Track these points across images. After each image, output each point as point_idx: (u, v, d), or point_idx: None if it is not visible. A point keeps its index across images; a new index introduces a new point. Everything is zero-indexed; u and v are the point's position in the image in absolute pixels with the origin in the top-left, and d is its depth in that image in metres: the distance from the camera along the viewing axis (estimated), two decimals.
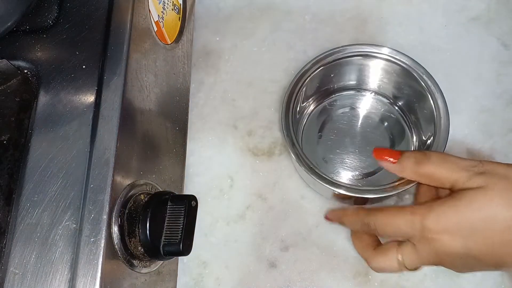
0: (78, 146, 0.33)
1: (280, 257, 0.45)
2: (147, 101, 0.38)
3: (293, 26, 0.54)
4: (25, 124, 0.35)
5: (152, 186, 0.37)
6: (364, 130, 0.48)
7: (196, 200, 0.34)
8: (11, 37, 0.37)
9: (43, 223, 0.31)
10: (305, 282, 0.44)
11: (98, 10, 0.37)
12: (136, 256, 0.34)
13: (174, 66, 0.43)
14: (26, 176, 0.33)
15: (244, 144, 0.49)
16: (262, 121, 0.50)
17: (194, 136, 0.50)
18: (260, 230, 0.46)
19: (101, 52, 0.35)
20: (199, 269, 0.46)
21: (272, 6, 0.55)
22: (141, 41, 0.37)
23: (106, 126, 0.33)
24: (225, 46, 0.53)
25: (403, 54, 0.45)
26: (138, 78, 0.36)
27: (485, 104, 0.49)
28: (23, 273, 0.31)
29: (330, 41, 0.52)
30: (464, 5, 0.53)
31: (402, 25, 0.53)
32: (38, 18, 0.37)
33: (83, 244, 0.31)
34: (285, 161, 0.48)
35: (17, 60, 0.36)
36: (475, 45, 0.52)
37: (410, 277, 0.44)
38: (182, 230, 0.33)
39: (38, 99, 0.35)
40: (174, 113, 0.43)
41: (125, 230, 0.33)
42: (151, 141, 0.38)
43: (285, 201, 0.47)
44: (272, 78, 0.52)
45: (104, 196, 0.31)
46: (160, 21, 0.41)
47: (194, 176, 0.48)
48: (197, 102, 0.51)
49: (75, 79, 0.35)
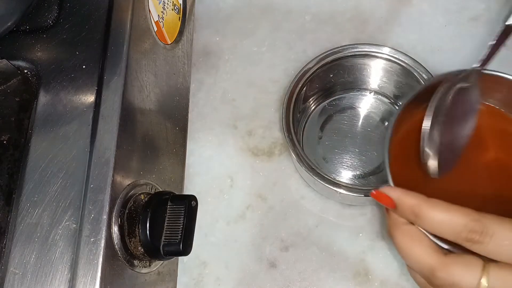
0: (78, 146, 0.33)
1: (280, 257, 0.45)
2: (147, 101, 0.38)
3: (293, 26, 0.54)
4: (25, 124, 0.35)
5: (152, 186, 0.37)
6: (365, 130, 0.48)
7: (196, 200, 0.34)
8: (11, 37, 0.37)
9: (43, 223, 0.31)
10: (305, 282, 0.44)
11: (98, 10, 0.37)
12: (136, 256, 0.34)
13: (174, 66, 0.43)
14: (26, 176, 0.33)
15: (244, 144, 0.49)
16: (262, 121, 0.50)
17: (194, 136, 0.49)
18: (260, 230, 0.46)
19: (101, 52, 0.35)
20: (199, 269, 0.45)
21: (272, 6, 0.55)
22: (141, 41, 0.37)
23: (106, 126, 0.33)
24: (225, 46, 0.53)
25: (403, 54, 0.45)
26: (138, 78, 0.36)
27: None
28: (23, 273, 0.31)
29: (330, 41, 0.52)
30: (464, 5, 0.53)
31: (402, 25, 0.53)
32: (38, 18, 0.37)
33: (83, 244, 0.31)
34: (285, 161, 0.48)
35: (17, 60, 0.36)
36: (475, 45, 0.52)
37: (411, 277, 0.44)
38: (182, 230, 0.33)
39: (38, 99, 0.35)
40: (174, 113, 0.43)
41: (125, 230, 0.33)
42: (151, 141, 0.38)
43: (285, 201, 0.47)
44: (272, 78, 0.52)
45: (104, 196, 0.31)
46: (160, 21, 0.41)
47: (194, 176, 0.48)
48: (197, 102, 0.51)
49: (75, 79, 0.35)
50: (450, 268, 0.28)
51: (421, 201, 0.29)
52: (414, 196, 0.29)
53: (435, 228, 0.28)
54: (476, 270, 0.27)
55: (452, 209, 0.28)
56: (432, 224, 0.28)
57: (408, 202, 0.29)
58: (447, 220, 0.28)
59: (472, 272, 0.27)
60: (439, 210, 0.28)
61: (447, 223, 0.28)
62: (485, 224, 0.27)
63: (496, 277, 0.27)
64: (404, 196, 0.29)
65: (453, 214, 0.28)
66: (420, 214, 0.28)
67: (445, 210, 0.28)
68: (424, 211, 0.28)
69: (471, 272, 0.27)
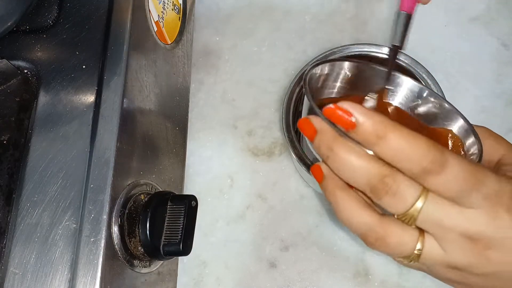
0: (78, 146, 0.33)
1: (280, 257, 0.45)
2: (147, 101, 0.38)
3: (293, 26, 0.54)
4: (25, 124, 0.35)
5: (152, 186, 0.37)
6: None
7: (196, 200, 0.34)
8: (11, 37, 0.37)
9: (43, 223, 0.31)
10: (305, 282, 0.44)
11: (98, 10, 0.37)
12: (136, 256, 0.34)
13: (174, 66, 0.43)
14: (26, 176, 0.33)
15: (244, 144, 0.49)
16: (262, 121, 0.50)
17: (194, 136, 0.49)
18: (260, 230, 0.46)
19: (101, 52, 0.35)
20: (199, 269, 0.45)
21: (272, 6, 0.55)
22: (141, 41, 0.37)
23: (106, 126, 0.33)
24: (225, 46, 0.53)
25: (403, 54, 0.45)
26: (138, 78, 0.36)
27: (485, 104, 0.49)
28: (23, 273, 0.31)
29: (330, 41, 0.52)
30: (464, 5, 0.53)
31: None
32: (38, 18, 0.37)
33: (83, 244, 0.31)
34: (285, 161, 0.48)
35: (17, 60, 0.36)
36: (475, 45, 0.52)
37: (411, 277, 0.44)
38: (182, 230, 0.33)
39: (38, 99, 0.35)
40: (174, 113, 0.43)
41: (125, 230, 0.33)
42: (151, 141, 0.38)
43: (285, 201, 0.47)
44: (272, 78, 0.52)
45: (104, 196, 0.31)
46: (160, 21, 0.41)
47: (194, 176, 0.48)
48: (197, 102, 0.51)
49: (75, 79, 0.35)
50: (388, 228, 0.27)
51: (386, 122, 0.25)
52: (380, 116, 0.26)
53: (395, 154, 0.26)
54: (412, 232, 0.27)
55: (417, 135, 0.25)
56: (394, 148, 0.25)
57: (374, 121, 0.25)
58: (411, 145, 0.25)
59: (408, 233, 0.27)
60: (404, 134, 0.25)
61: (410, 148, 0.25)
62: (446, 156, 0.25)
63: (430, 245, 0.27)
64: (369, 114, 0.26)
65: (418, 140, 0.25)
66: (385, 136, 0.25)
67: (410, 135, 0.25)
68: (390, 134, 0.25)
69: (408, 233, 0.27)
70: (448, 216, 0.26)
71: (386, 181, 0.26)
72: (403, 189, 0.26)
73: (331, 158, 0.28)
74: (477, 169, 0.26)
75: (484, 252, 0.26)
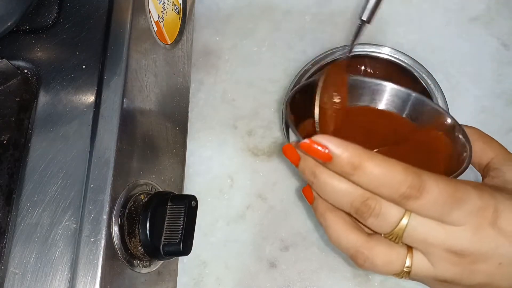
0: (78, 146, 0.33)
1: (280, 257, 0.45)
2: (147, 101, 0.38)
3: (293, 26, 0.54)
4: (25, 124, 0.35)
5: (152, 186, 0.37)
6: None
7: (196, 200, 0.34)
8: (11, 37, 0.37)
9: (43, 223, 0.31)
10: (305, 282, 0.44)
11: (98, 10, 0.37)
12: (136, 256, 0.34)
13: (174, 66, 0.43)
14: (26, 176, 0.33)
15: (244, 144, 0.49)
16: (262, 121, 0.50)
17: (194, 136, 0.49)
18: (260, 230, 0.46)
19: (101, 52, 0.35)
20: (199, 269, 0.45)
21: (272, 6, 0.55)
22: (141, 41, 0.37)
23: (106, 126, 0.33)
24: (225, 46, 0.53)
25: (403, 54, 0.45)
26: (138, 78, 0.36)
27: (485, 104, 0.49)
28: (23, 273, 0.31)
29: (330, 41, 0.52)
30: (464, 5, 0.53)
31: (402, 25, 0.53)
32: (38, 18, 0.37)
33: (83, 244, 0.31)
34: (285, 161, 0.48)
35: (17, 60, 0.36)
36: (475, 45, 0.52)
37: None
38: (182, 230, 0.33)
39: (38, 99, 0.35)
40: (174, 113, 0.43)
41: (125, 230, 0.33)
42: (151, 141, 0.38)
43: (285, 201, 0.47)
44: (272, 78, 0.52)
45: (104, 196, 0.31)
46: (160, 21, 0.41)
47: (194, 176, 0.48)
48: (197, 102, 0.51)
49: (75, 79, 0.35)
50: (374, 248, 0.28)
51: (361, 152, 0.26)
52: (354, 147, 0.26)
53: (372, 182, 0.26)
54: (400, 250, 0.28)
55: (392, 162, 0.26)
56: (371, 178, 0.26)
57: (349, 153, 0.26)
58: (387, 173, 0.26)
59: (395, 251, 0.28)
60: (380, 162, 0.26)
61: (387, 176, 0.26)
62: (424, 180, 0.26)
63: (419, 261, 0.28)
64: (344, 146, 0.26)
65: (394, 167, 0.26)
66: (361, 166, 0.26)
67: (386, 163, 0.26)
68: (365, 164, 0.26)
69: (395, 251, 0.28)
70: (432, 234, 0.27)
71: (368, 203, 0.27)
72: (386, 210, 0.27)
73: (315, 183, 0.29)
74: (457, 188, 0.26)
75: (471, 266, 0.27)
